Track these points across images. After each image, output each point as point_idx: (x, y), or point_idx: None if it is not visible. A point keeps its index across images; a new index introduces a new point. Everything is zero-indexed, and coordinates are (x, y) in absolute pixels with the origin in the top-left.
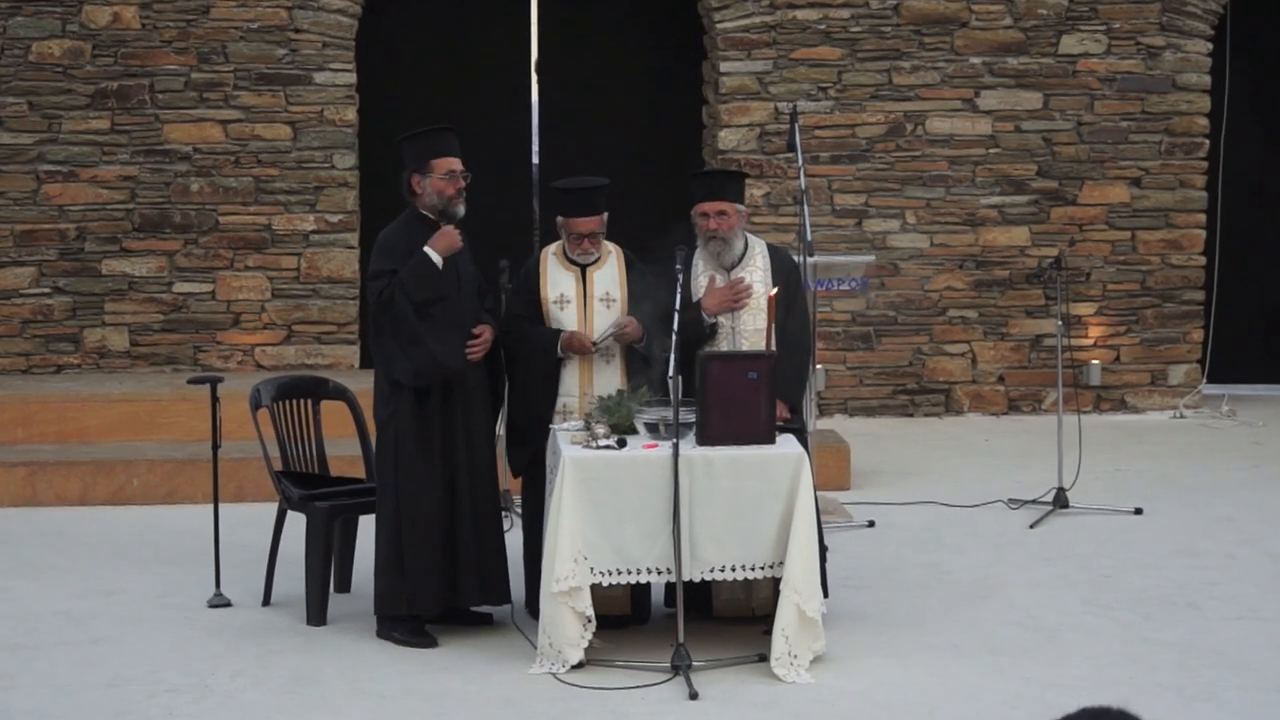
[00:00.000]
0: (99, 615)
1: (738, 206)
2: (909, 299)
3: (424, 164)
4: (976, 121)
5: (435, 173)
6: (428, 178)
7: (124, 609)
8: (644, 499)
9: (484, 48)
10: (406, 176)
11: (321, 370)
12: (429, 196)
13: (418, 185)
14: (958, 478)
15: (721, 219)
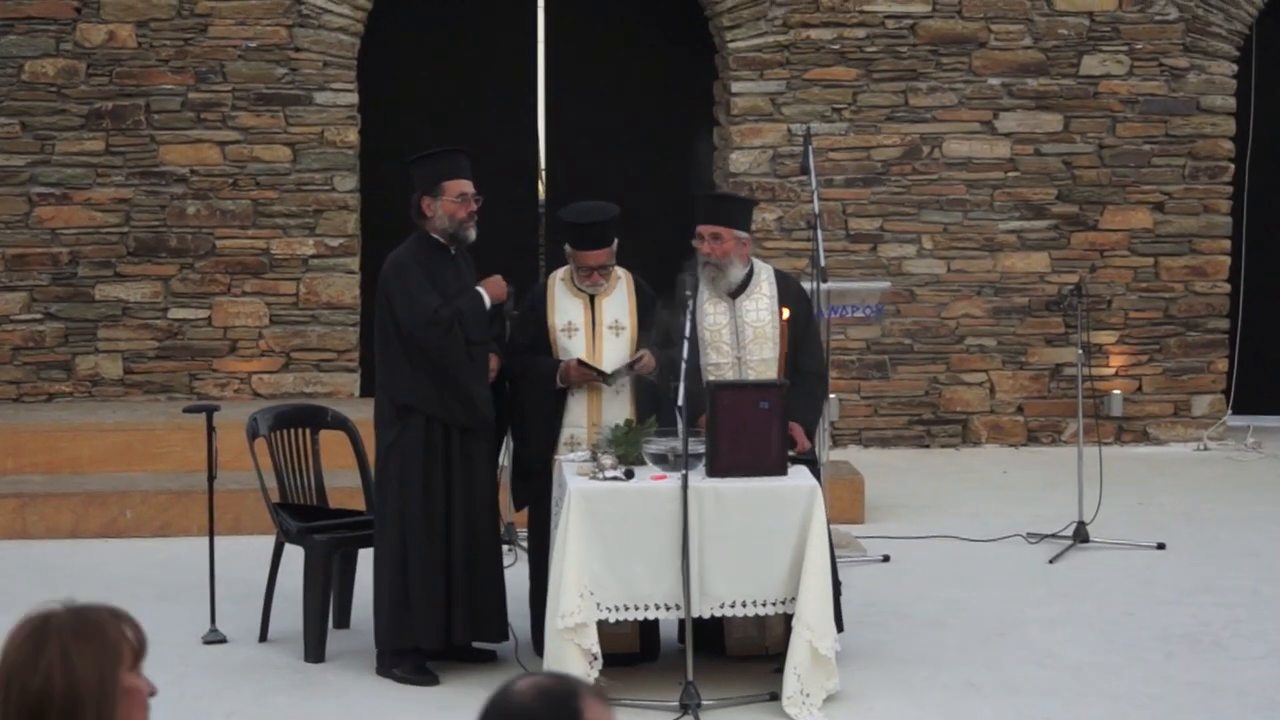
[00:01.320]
0: None
1: (736, 232)
2: (925, 326)
3: (435, 186)
4: (995, 144)
5: (446, 195)
6: (438, 200)
7: None
8: (652, 532)
9: (489, 67)
10: (416, 199)
11: (320, 399)
12: (439, 219)
13: (428, 208)
14: (975, 511)
15: (715, 243)
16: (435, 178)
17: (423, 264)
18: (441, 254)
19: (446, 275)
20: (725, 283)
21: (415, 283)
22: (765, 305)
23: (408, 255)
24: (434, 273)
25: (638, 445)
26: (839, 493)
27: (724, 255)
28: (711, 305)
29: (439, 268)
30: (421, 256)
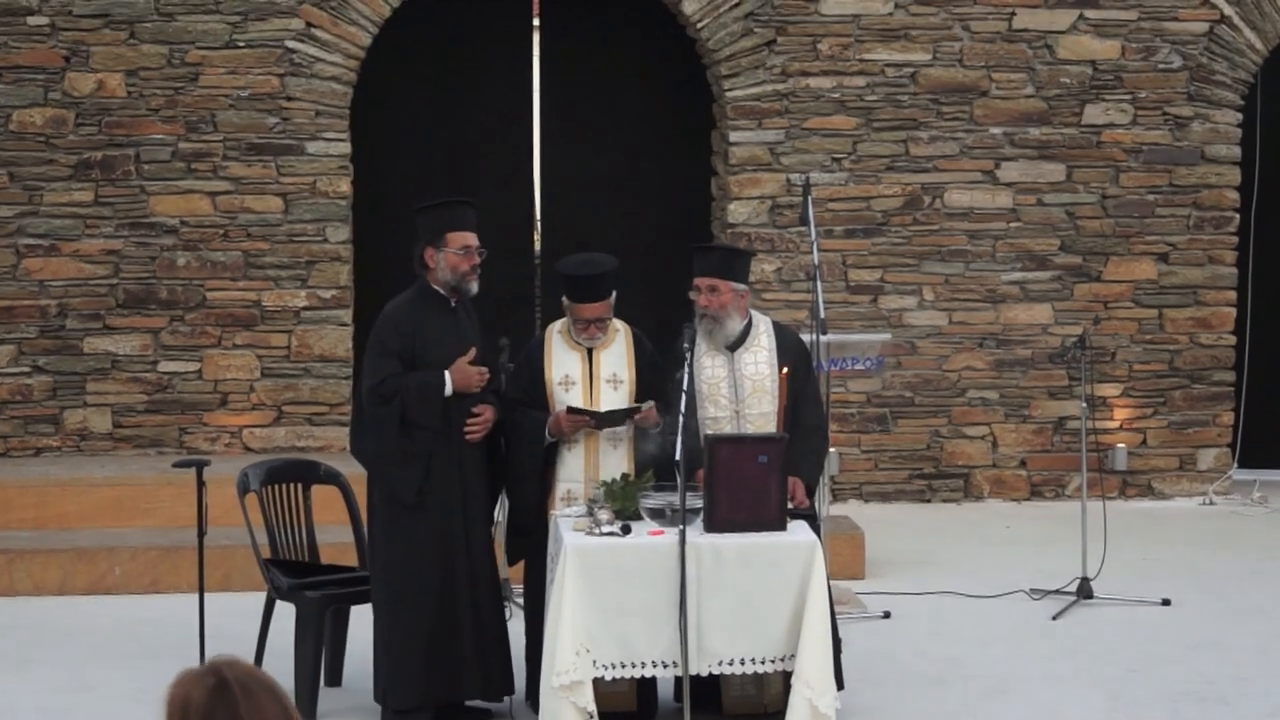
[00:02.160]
0: (78, 711)
1: (734, 285)
2: (926, 379)
3: (439, 237)
4: (997, 194)
5: (450, 246)
6: (441, 251)
7: (104, 705)
8: (649, 588)
9: (484, 116)
10: (420, 248)
11: (312, 453)
12: (442, 271)
13: (430, 258)
14: (977, 566)
15: (713, 296)
16: (440, 228)
17: (421, 314)
18: (442, 305)
19: (446, 327)
20: (723, 335)
21: (383, 345)
22: (764, 358)
23: (403, 307)
24: (432, 324)
25: (635, 500)
26: (839, 548)
27: (721, 308)
28: (709, 358)
29: (438, 319)
30: (420, 307)
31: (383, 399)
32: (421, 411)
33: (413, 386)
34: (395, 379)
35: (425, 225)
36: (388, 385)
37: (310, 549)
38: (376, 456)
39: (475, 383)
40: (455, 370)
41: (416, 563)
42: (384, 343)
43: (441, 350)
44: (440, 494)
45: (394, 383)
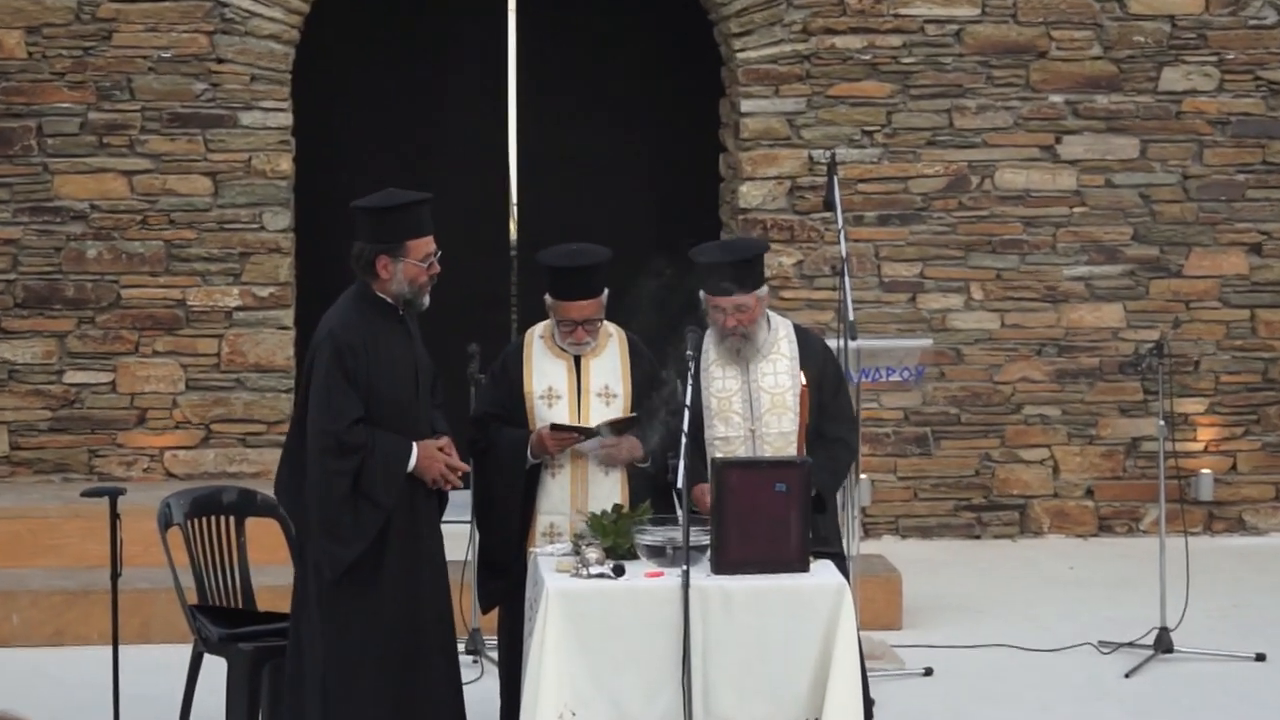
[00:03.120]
0: None
1: (758, 294)
2: (975, 393)
3: (398, 245)
4: (1058, 174)
5: (411, 256)
6: (399, 261)
7: None
8: (646, 640)
9: (450, 83)
10: (368, 252)
11: (247, 480)
12: (398, 283)
13: (384, 268)
14: (1036, 614)
15: (743, 314)
16: (399, 234)
17: (370, 330)
18: (390, 316)
19: (397, 345)
20: (752, 349)
21: (342, 371)
22: (784, 368)
23: (350, 319)
24: (383, 342)
25: (629, 535)
26: (872, 593)
27: (752, 322)
28: (719, 368)
29: (386, 334)
30: (368, 319)
31: (343, 450)
32: (377, 484)
33: (379, 449)
34: (362, 429)
35: (378, 229)
36: (355, 434)
37: (244, 593)
38: (316, 514)
39: (436, 475)
40: (422, 450)
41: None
42: (343, 369)
43: (394, 375)
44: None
45: (361, 434)
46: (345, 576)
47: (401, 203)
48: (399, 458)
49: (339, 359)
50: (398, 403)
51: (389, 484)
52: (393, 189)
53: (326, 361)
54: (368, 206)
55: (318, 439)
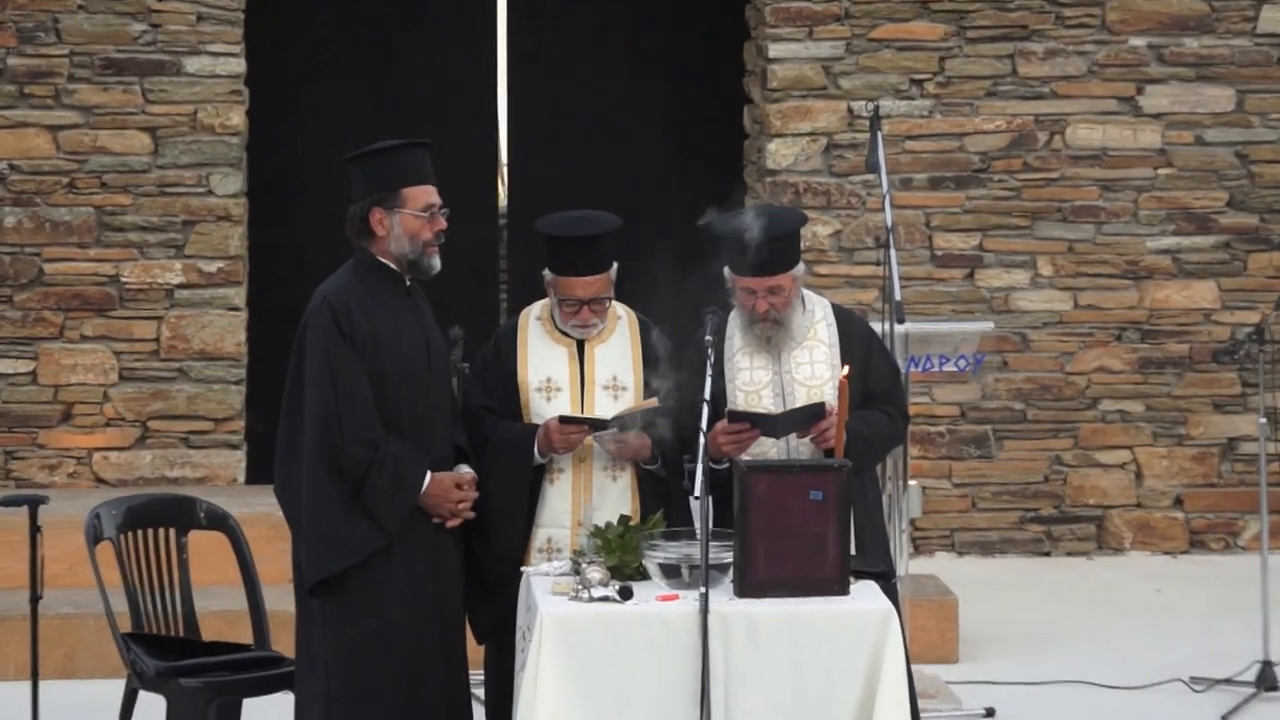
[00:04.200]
0: None
1: (795, 273)
2: (1044, 385)
3: (391, 194)
4: (1140, 130)
5: (408, 206)
6: (395, 213)
7: None
8: (658, 676)
9: (431, 27)
10: (361, 209)
11: (190, 487)
12: (396, 240)
13: (380, 223)
14: (1116, 646)
15: (776, 298)
16: (392, 182)
17: (373, 303)
18: (395, 287)
19: (405, 321)
20: (786, 337)
21: (356, 378)
22: (821, 355)
23: (351, 292)
24: (388, 317)
25: (638, 552)
26: (924, 619)
27: (787, 305)
28: (746, 357)
29: (391, 307)
30: (370, 290)
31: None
32: (381, 504)
33: (389, 467)
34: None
35: (369, 178)
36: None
37: (187, 619)
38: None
39: (446, 511)
40: (434, 486)
41: (373, 647)
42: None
43: (400, 350)
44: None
45: (365, 453)
46: (345, 594)
47: (393, 144)
48: (409, 483)
49: (336, 325)
50: (406, 379)
51: (394, 510)
52: (385, 139)
53: (323, 334)
54: (357, 154)
55: (316, 439)
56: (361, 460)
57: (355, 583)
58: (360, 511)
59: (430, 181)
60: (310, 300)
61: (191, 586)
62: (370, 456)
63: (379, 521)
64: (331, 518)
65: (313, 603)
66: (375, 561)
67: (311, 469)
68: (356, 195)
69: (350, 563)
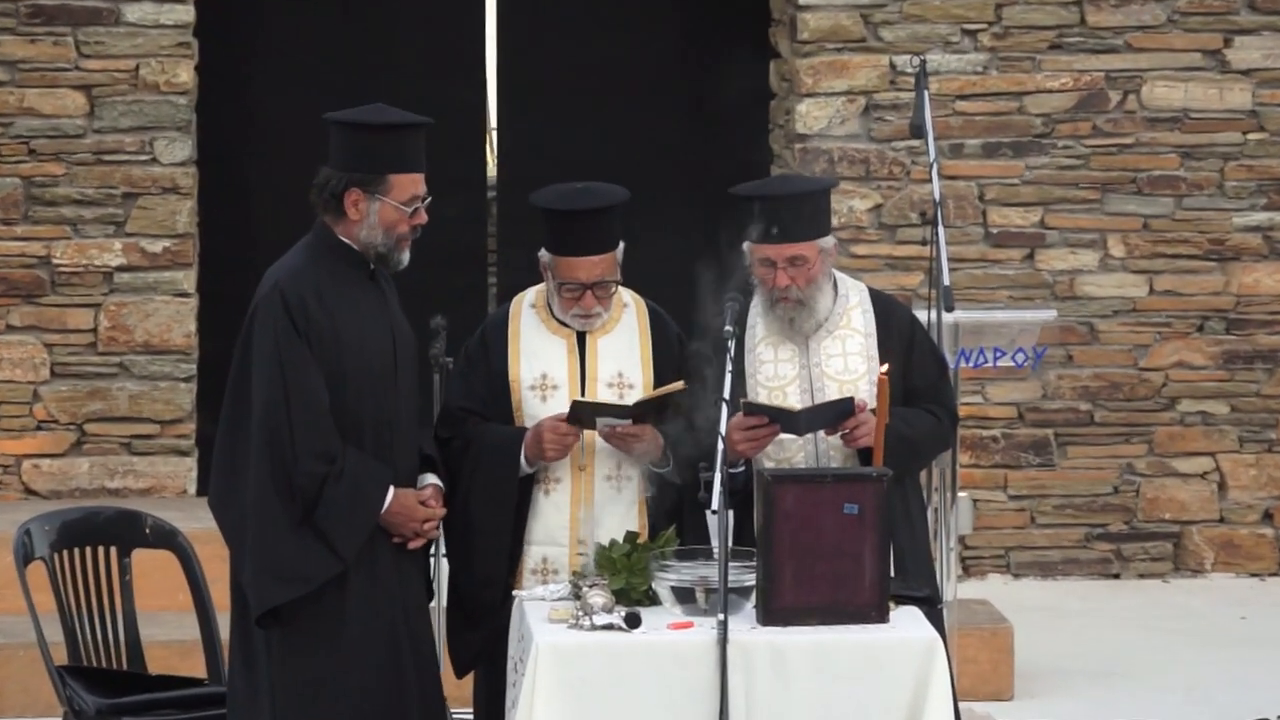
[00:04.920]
0: None
1: (821, 244)
2: (1114, 383)
3: (377, 178)
4: (1226, 89)
5: (392, 195)
6: (376, 200)
7: None
8: (669, 713)
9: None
10: (336, 184)
11: (134, 500)
12: (369, 228)
13: (355, 205)
14: (1196, 681)
15: (797, 270)
16: (381, 165)
17: (334, 289)
18: (356, 273)
19: (364, 303)
20: (811, 320)
21: (310, 379)
22: (857, 347)
23: (306, 276)
24: (344, 296)
25: (647, 573)
26: (974, 650)
27: (810, 283)
28: (769, 348)
29: (353, 295)
30: (330, 275)
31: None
32: (337, 527)
33: (347, 484)
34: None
35: (354, 152)
36: (313, 468)
37: (131, 650)
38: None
39: (410, 531)
40: (398, 502)
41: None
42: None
43: (362, 344)
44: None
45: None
46: (296, 626)
47: (390, 122)
48: (370, 501)
49: (289, 317)
50: (368, 381)
51: (352, 532)
52: (382, 105)
53: (273, 328)
54: (345, 121)
55: (263, 451)
56: (315, 476)
57: (307, 614)
58: (312, 535)
59: (421, 169)
60: (261, 284)
61: (136, 613)
62: (325, 471)
63: (334, 546)
64: (279, 542)
65: (258, 634)
66: (328, 589)
67: (258, 484)
68: (334, 164)
69: (300, 593)
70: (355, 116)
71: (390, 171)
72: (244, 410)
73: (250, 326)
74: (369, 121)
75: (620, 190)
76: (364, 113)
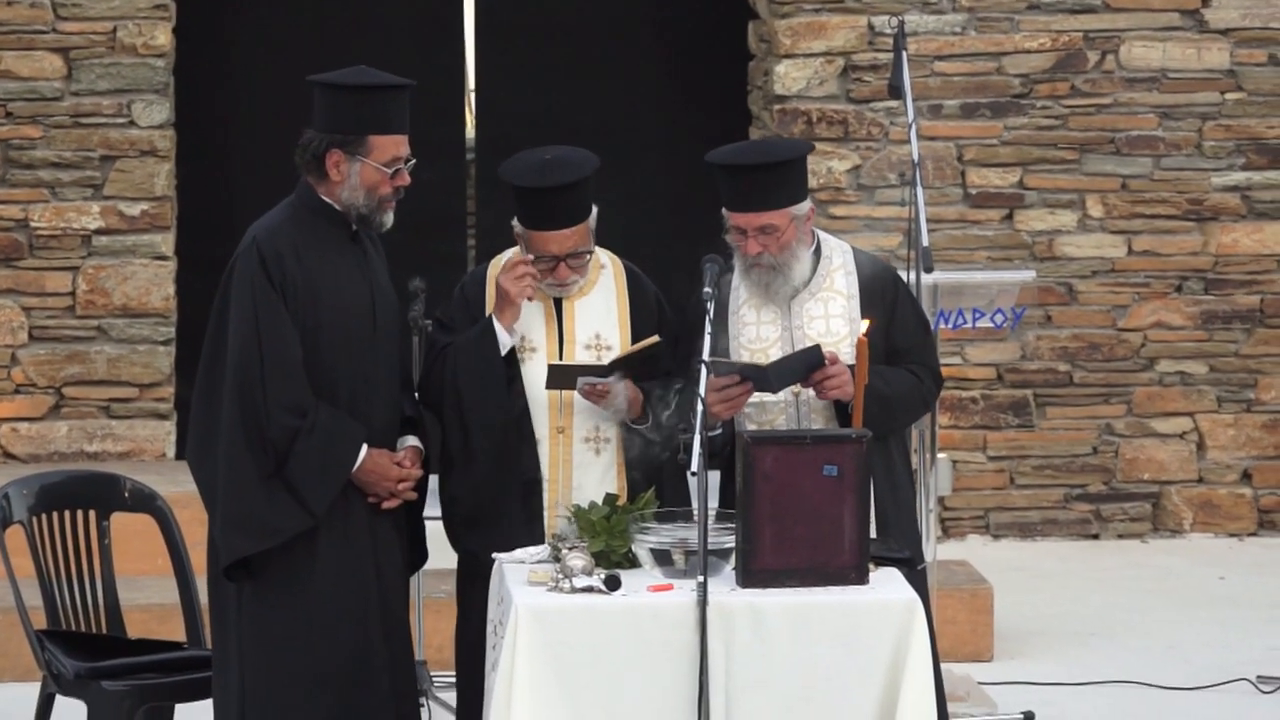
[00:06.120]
0: None
1: (794, 211)
2: (1093, 344)
3: (358, 139)
4: (1204, 48)
5: (373, 156)
6: (357, 161)
7: None
8: (650, 675)
9: None
10: (320, 144)
11: (113, 463)
12: (350, 189)
13: (336, 166)
14: (1174, 641)
15: (769, 238)
16: (362, 125)
17: (314, 247)
18: (337, 232)
19: (343, 262)
20: (786, 285)
21: (284, 333)
22: (839, 309)
23: (284, 232)
24: (323, 255)
25: (626, 536)
26: (954, 611)
27: (783, 249)
28: (752, 309)
29: (332, 254)
30: (310, 234)
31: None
32: (307, 482)
33: (319, 438)
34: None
35: (336, 113)
36: (285, 422)
37: (110, 614)
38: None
39: (383, 491)
40: (370, 461)
41: (301, 645)
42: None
43: (342, 308)
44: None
45: (292, 421)
46: (265, 580)
47: (371, 84)
48: (341, 458)
49: (265, 271)
50: (344, 338)
51: (322, 488)
52: (365, 67)
53: (250, 281)
54: (327, 82)
55: (235, 402)
56: (287, 429)
57: (276, 567)
58: (282, 487)
59: (403, 131)
60: (242, 241)
61: (115, 576)
62: (296, 425)
63: (304, 500)
64: (248, 492)
65: (229, 587)
66: (298, 544)
67: (229, 435)
68: (317, 125)
69: (268, 545)
70: (337, 78)
71: (371, 133)
72: (220, 364)
73: (228, 280)
74: (350, 83)
75: (589, 160)
76: (346, 75)
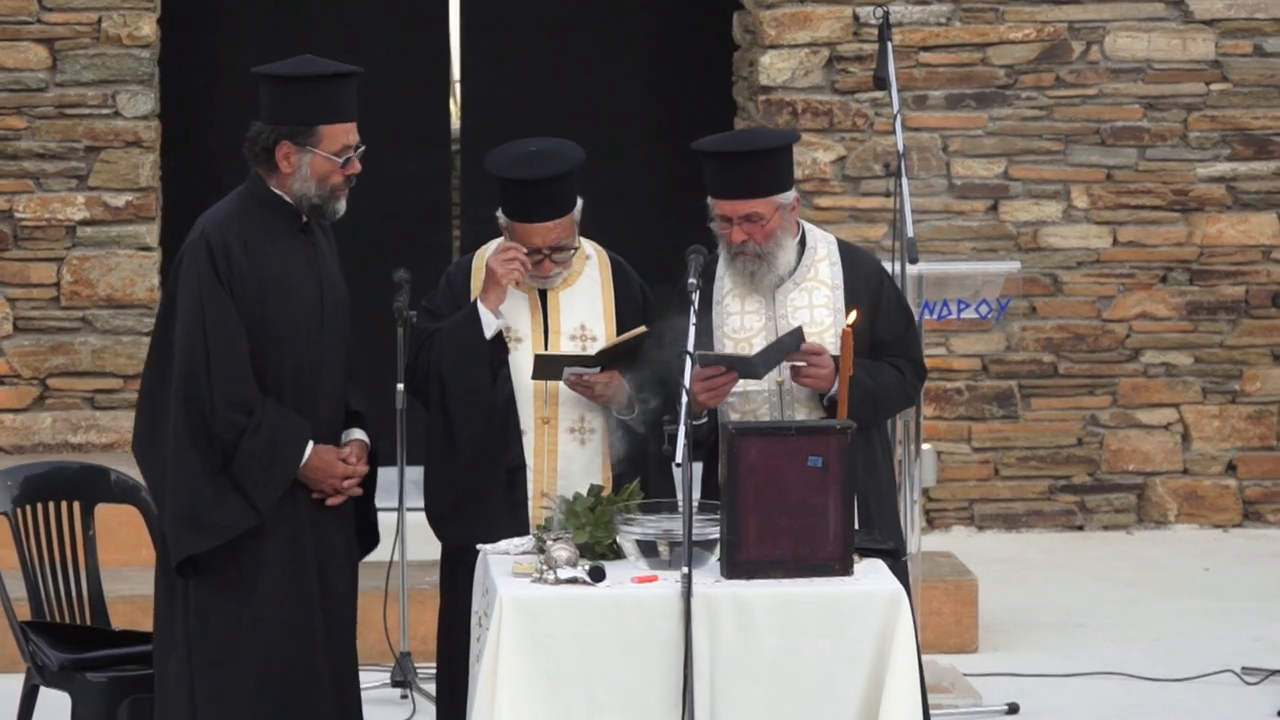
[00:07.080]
0: None
1: (779, 200)
2: (1078, 334)
3: (307, 130)
4: (1189, 38)
5: (322, 146)
6: (307, 152)
7: None
8: (634, 667)
9: None
10: (269, 136)
11: (97, 454)
12: (302, 181)
13: (286, 158)
14: (1158, 633)
15: (754, 226)
16: (309, 116)
17: (262, 239)
18: (287, 224)
19: (291, 255)
20: (772, 276)
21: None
22: (824, 299)
23: (231, 223)
24: (271, 248)
25: (611, 527)
26: (938, 602)
27: (768, 239)
28: (736, 299)
29: (281, 246)
30: (259, 225)
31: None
32: (254, 479)
33: (265, 435)
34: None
35: (282, 106)
36: (231, 418)
37: (94, 605)
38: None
39: (329, 488)
40: (316, 457)
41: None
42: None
43: (289, 301)
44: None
45: (237, 418)
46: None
47: (317, 73)
48: (288, 454)
49: (212, 264)
50: (290, 330)
51: (269, 485)
52: (310, 56)
53: (196, 274)
54: (272, 74)
55: (180, 398)
56: (233, 425)
57: (223, 565)
58: (229, 485)
59: (352, 118)
60: (190, 232)
61: (99, 568)
62: (243, 422)
63: (251, 498)
64: (195, 491)
65: (178, 583)
66: (245, 542)
67: (175, 433)
68: (265, 117)
69: (215, 543)
70: (282, 69)
71: (320, 122)
72: (167, 355)
73: (176, 271)
74: (296, 74)
75: (574, 151)
76: (291, 65)
